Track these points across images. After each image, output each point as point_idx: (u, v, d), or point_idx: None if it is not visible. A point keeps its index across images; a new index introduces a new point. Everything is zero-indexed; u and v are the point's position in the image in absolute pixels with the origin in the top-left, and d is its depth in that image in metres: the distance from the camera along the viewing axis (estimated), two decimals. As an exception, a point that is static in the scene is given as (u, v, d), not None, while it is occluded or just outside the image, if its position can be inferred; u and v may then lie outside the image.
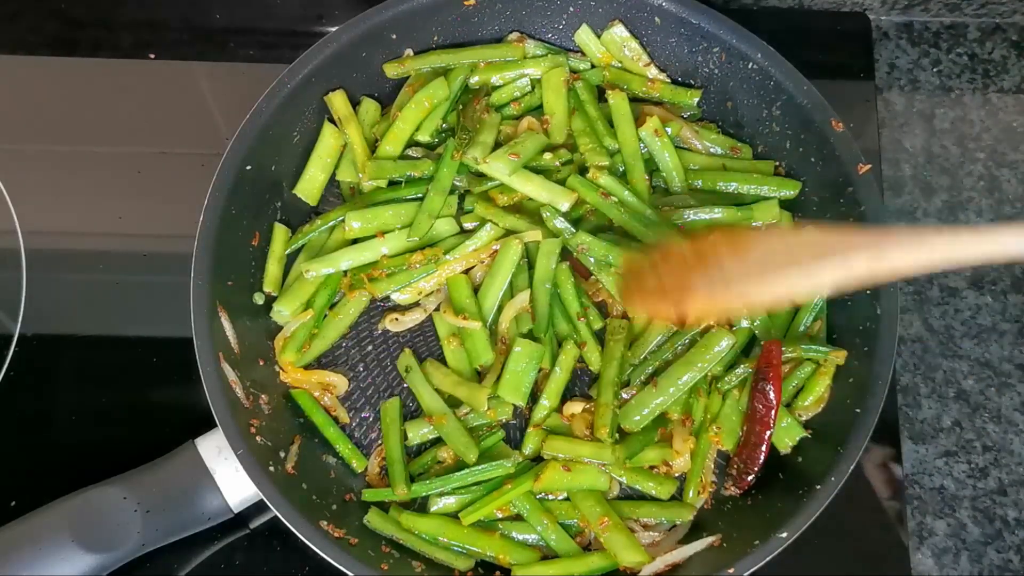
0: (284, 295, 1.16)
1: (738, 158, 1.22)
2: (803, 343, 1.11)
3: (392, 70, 1.22)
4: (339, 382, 1.13)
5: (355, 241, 1.18)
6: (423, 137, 1.21)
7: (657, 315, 1.03)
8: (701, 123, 1.25)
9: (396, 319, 1.16)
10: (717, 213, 1.15)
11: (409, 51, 1.23)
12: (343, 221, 1.16)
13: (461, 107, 1.22)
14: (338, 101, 1.20)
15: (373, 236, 1.16)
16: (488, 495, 1.07)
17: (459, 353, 1.14)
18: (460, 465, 1.09)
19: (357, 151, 1.19)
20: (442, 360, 1.16)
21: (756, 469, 1.09)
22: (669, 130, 1.19)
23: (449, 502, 1.08)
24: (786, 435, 1.10)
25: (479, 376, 1.14)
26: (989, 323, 1.24)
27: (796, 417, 1.10)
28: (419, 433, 1.11)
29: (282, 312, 1.15)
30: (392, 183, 1.19)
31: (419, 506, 1.10)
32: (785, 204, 1.19)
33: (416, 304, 1.18)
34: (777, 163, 1.21)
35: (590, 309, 1.15)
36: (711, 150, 1.22)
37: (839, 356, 1.10)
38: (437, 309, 1.17)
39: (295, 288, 1.15)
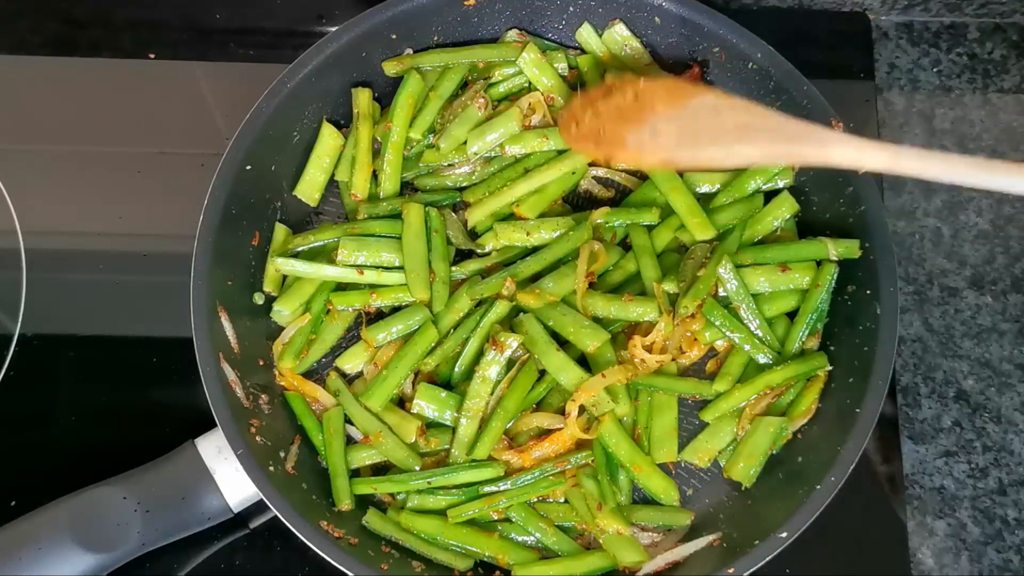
0: (284, 295, 1.15)
1: None
2: (797, 363, 1.11)
3: (391, 68, 1.22)
4: (326, 400, 1.12)
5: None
6: (415, 135, 1.21)
7: (588, 155, 1.11)
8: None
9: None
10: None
11: (409, 50, 1.23)
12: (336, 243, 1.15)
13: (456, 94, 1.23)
14: (363, 97, 1.20)
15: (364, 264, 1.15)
16: (472, 500, 1.07)
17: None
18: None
19: (361, 149, 1.19)
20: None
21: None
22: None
23: (427, 500, 1.08)
24: (775, 440, 1.09)
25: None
26: (989, 323, 1.24)
27: (787, 425, 1.10)
28: (359, 457, 1.10)
29: (282, 312, 1.15)
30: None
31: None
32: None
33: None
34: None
35: None
36: None
37: (824, 369, 1.11)
38: None
39: (295, 288, 1.15)
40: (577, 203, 1.23)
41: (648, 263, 1.15)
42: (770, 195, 1.20)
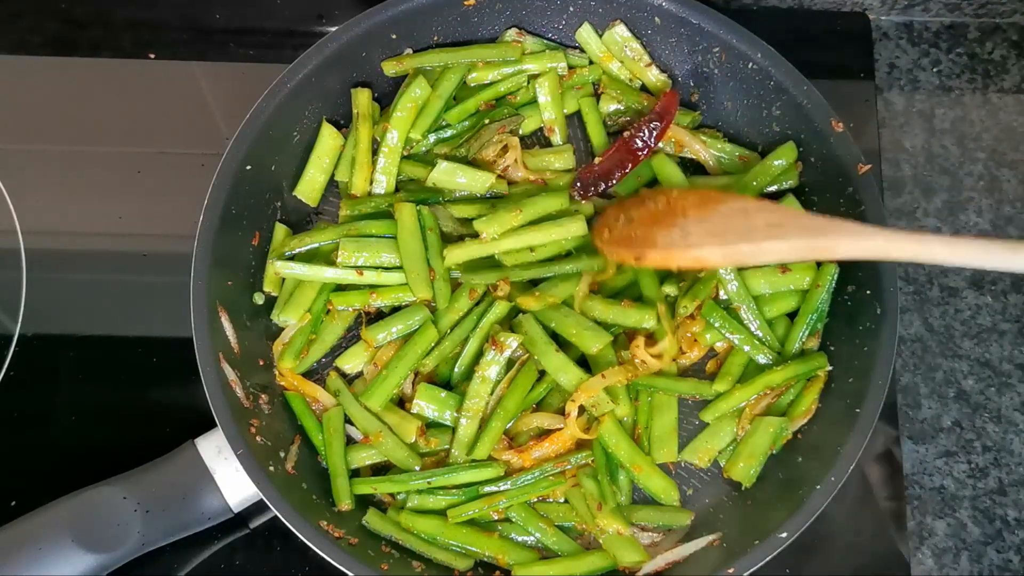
0: (287, 305, 1.14)
1: (748, 165, 1.21)
2: (797, 363, 1.11)
3: (390, 68, 1.22)
4: (326, 400, 1.13)
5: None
6: (416, 135, 1.20)
7: (618, 258, 1.11)
8: (706, 131, 1.24)
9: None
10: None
11: (409, 50, 1.23)
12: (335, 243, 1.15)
13: (478, 127, 1.22)
14: (363, 98, 1.20)
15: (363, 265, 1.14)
16: (472, 500, 1.07)
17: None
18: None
19: (361, 149, 1.19)
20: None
21: (605, 187, 1.17)
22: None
23: (427, 500, 1.08)
24: (775, 440, 1.10)
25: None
26: (989, 323, 1.24)
27: (787, 425, 1.10)
28: (359, 457, 1.10)
29: (289, 322, 1.14)
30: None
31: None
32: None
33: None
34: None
35: None
36: (721, 159, 1.22)
37: (824, 369, 1.11)
38: None
39: (296, 296, 1.14)
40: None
41: (649, 281, 1.15)
42: (770, 196, 1.20)
